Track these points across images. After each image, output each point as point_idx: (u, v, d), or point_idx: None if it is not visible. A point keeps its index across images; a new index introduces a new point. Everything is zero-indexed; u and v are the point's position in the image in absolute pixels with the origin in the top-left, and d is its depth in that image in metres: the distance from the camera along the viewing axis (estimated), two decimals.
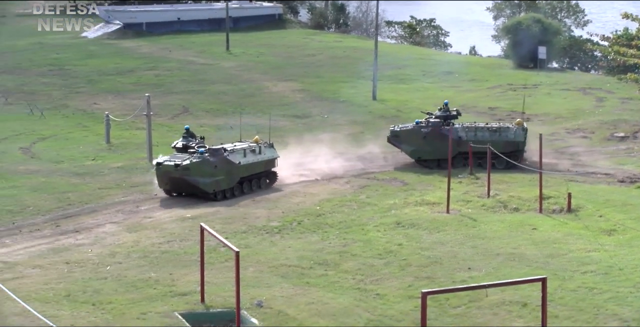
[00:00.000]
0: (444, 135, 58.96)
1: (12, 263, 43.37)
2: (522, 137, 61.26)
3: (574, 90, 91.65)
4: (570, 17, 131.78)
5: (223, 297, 37.77)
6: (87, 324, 35.78)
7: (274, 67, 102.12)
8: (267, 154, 55.81)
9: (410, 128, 60.83)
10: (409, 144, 60.57)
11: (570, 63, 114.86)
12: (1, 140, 68.50)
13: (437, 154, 59.78)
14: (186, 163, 51.73)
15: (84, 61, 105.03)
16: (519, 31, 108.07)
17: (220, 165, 52.59)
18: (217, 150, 53.15)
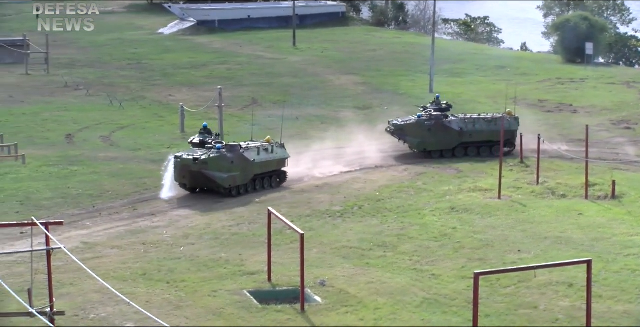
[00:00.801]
0: (447, 127, 59.53)
1: (92, 244, 43.65)
2: (515, 126, 61.32)
3: (618, 84, 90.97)
4: (616, 15, 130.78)
5: (288, 277, 37.82)
6: (161, 301, 35.95)
7: (337, 61, 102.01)
8: (279, 154, 53.99)
9: (414, 122, 60.16)
10: (415, 137, 59.90)
11: (615, 58, 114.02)
12: (83, 129, 68.89)
13: (441, 145, 60.10)
14: (204, 157, 50.36)
15: (160, 56, 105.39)
16: (567, 28, 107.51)
17: (236, 161, 51.13)
18: (233, 147, 51.78)
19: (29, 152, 60.21)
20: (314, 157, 59.21)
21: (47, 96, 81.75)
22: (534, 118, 73.62)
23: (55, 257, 34.96)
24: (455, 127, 59.54)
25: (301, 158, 58.29)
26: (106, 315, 34.61)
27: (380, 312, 34.97)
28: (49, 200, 50.89)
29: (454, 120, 60.21)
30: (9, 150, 60.92)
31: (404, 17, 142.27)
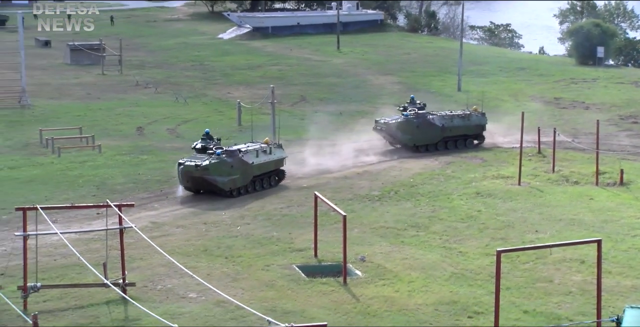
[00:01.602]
0: (432, 123, 58.68)
1: (160, 223, 43.85)
2: (484, 120, 61.06)
3: (627, 84, 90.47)
4: (626, 22, 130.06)
5: (332, 253, 37.87)
6: (220, 274, 36.08)
7: (375, 63, 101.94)
8: (276, 154, 51.18)
9: (404, 120, 58.59)
10: (406, 133, 58.45)
11: (624, 60, 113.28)
12: (152, 123, 69.19)
13: (428, 140, 59.11)
14: (205, 163, 47.54)
15: (220, 58, 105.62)
16: (580, 34, 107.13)
17: (236, 165, 48.33)
18: (233, 152, 48.89)
19: (104, 142, 60.57)
20: (355, 147, 59.20)
21: (120, 93, 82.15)
22: (551, 114, 73.39)
23: (127, 235, 35.18)
24: (438, 123, 58.93)
25: (342, 149, 58.35)
26: (171, 286, 34.79)
27: (413, 284, 34.98)
28: (122, 185, 51.17)
29: (436, 117, 59.45)
30: (87, 141, 61.34)
31: (435, 24, 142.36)
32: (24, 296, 33.00)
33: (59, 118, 70.25)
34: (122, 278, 34.17)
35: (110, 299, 33.32)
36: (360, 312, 32.40)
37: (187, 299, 33.63)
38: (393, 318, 31.82)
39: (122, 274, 34.30)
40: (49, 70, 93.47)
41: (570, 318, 31.01)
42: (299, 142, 60.20)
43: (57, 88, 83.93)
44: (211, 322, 31.00)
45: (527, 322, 31.02)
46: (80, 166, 55.55)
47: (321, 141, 60.50)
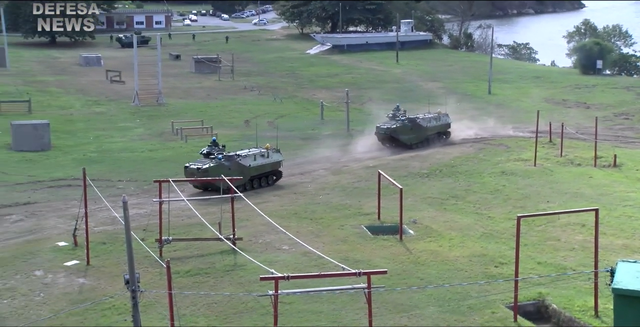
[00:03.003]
0: (420, 125, 56.78)
1: (261, 193, 44.12)
2: (449, 120, 59.42)
3: (620, 88, 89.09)
4: (621, 40, 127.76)
5: (391, 217, 37.81)
6: (306, 231, 36.20)
7: (425, 72, 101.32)
8: (274, 158, 46.72)
9: (401, 125, 55.93)
10: (404, 135, 55.98)
11: (619, 70, 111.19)
12: (256, 117, 69.43)
13: (419, 139, 56.85)
14: (206, 167, 43.93)
15: (307, 68, 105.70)
16: (583, 50, 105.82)
17: (233, 168, 44.07)
18: (231, 157, 44.84)
19: (220, 131, 60.98)
20: None
21: (232, 95, 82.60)
22: (559, 112, 72.40)
23: (236, 201, 35.43)
24: (423, 124, 57.13)
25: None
26: (269, 240, 34.98)
27: (452, 241, 34.84)
28: None
29: (421, 120, 57.29)
30: (207, 130, 61.82)
31: (471, 42, 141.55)
32: (160, 246, 33.46)
33: (186, 113, 70.86)
34: (232, 234, 34.44)
35: (223, 249, 33.61)
36: (412, 261, 32.37)
37: (281, 251, 33.80)
38: (437, 266, 31.75)
39: (232, 231, 34.59)
40: (179, 77, 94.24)
41: (573, 268, 30.71)
42: (368, 132, 60.01)
43: (185, 90, 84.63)
44: (299, 268, 31.14)
45: (540, 271, 30.77)
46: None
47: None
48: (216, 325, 26.41)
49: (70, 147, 56.58)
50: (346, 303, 27.71)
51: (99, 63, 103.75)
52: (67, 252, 33.95)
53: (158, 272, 30.16)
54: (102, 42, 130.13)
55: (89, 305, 27.45)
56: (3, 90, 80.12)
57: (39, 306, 28.23)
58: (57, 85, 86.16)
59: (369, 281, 23.20)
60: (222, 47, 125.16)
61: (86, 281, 30.70)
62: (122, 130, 62.87)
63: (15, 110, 68.83)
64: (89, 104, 75.35)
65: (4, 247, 34.86)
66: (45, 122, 57.90)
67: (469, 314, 26.95)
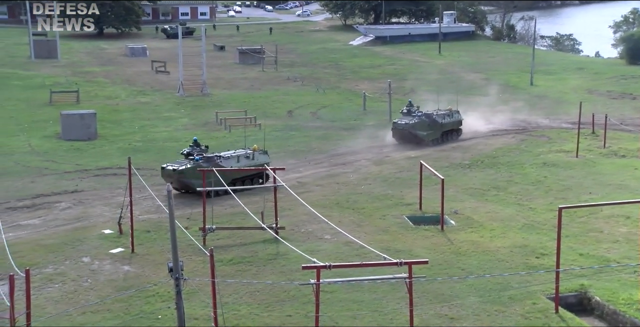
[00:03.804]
0: (436, 121, 54.83)
1: (303, 182, 44.12)
2: (461, 116, 57.10)
3: None
4: None
5: (433, 207, 37.66)
6: (348, 221, 36.17)
7: (468, 64, 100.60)
8: (259, 160, 43.44)
9: (419, 120, 53.97)
10: (422, 131, 53.82)
11: None
12: (298, 107, 69.48)
13: (436, 135, 54.82)
14: (182, 168, 40.92)
15: (350, 59, 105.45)
16: (631, 40, 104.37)
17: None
18: (210, 158, 41.68)
19: (263, 122, 61.07)
20: None
21: (275, 85, 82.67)
22: (603, 103, 71.49)
23: (279, 191, 35.50)
24: (439, 120, 55.19)
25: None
26: (312, 230, 35.01)
27: (494, 232, 34.63)
28: (275, 153, 51.44)
29: (437, 116, 55.41)
30: (250, 120, 61.96)
31: (514, 34, 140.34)
32: (203, 235, 33.62)
33: (230, 103, 71.05)
34: (275, 223, 34.51)
35: (265, 238, 33.70)
36: (453, 252, 32.23)
37: (323, 240, 33.81)
38: (478, 257, 31.57)
39: (275, 220, 34.65)
40: (223, 68, 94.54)
41: (617, 261, 30.34)
42: None
43: (229, 81, 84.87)
44: (340, 257, 31.12)
45: (582, 262, 30.46)
46: (245, 139, 56.15)
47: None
48: (258, 313, 26.48)
49: (116, 137, 57.05)
50: (387, 292, 27.65)
51: (145, 54, 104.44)
52: (112, 240, 34.28)
53: (201, 261, 30.31)
54: (148, 33, 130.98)
55: (134, 292, 27.68)
56: (54, 81, 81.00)
57: (86, 292, 28.57)
58: (104, 75, 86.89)
59: (410, 271, 23.12)
60: (266, 38, 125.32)
61: (131, 268, 30.96)
62: (166, 120, 63.20)
63: (65, 101, 69.57)
64: (134, 94, 75.87)
65: (54, 234, 35.31)
66: (92, 112, 58.45)
67: (510, 305, 26.76)
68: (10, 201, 39.99)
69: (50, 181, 44.86)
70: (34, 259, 31.52)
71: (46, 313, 26.15)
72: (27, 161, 49.60)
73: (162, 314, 26.13)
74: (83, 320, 26.12)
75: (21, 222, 37.17)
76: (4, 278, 23.76)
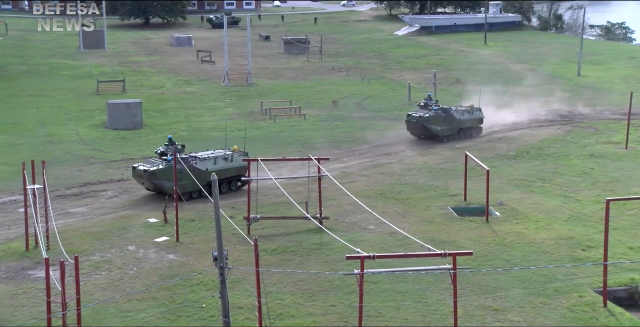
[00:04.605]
0: (453, 117, 52.71)
1: (348, 172, 44.12)
2: (482, 114, 54.37)
3: None
4: None
5: (477, 198, 37.50)
6: (392, 212, 36.13)
7: (513, 54, 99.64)
8: (239, 162, 40.18)
9: (434, 114, 51.69)
10: (437, 125, 51.56)
11: None
12: (343, 98, 69.36)
13: (451, 131, 52.70)
14: (153, 169, 38.72)
15: (395, 49, 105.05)
16: None
17: (185, 171, 37.34)
18: (184, 159, 38.73)
19: (307, 112, 61.18)
20: (495, 118, 58.00)
21: (320, 75, 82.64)
22: None
23: (323, 181, 35.54)
24: (457, 116, 53.14)
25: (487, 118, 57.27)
26: (356, 220, 35.02)
27: (539, 223, 34.39)
28: (320, 143, 51.61)
29: (454, 111, 53.35)
30: (295, 110, 62.04)
31: (561, 24, 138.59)
32: (248, 224, 33.81)
33: (275, 93, 71.18)
34: (319, 213, 34.58)
35: (309, 228, 33.79)
36: (497, 243, 32.07)
37: (367, 230, 33.81)
38: (522, 248, 31.39)
39: (319, 210, 34.71)
40: (268, 58, 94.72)
41: None
42: None
43: (274, 71, 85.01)
44: (384, 247, 31.12)
45: (632, 256, 30.12)
46: (290, 129, 56.27)
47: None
48: (302, 302, 26.58)
49: (161, 126, 57.46)
50: (431, 283, 27.60)
51: (190, 43, 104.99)
52: (157, 229, 34.60)
53: (246, 250, 30.47)
54: (193, 23, 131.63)
55: (178, 281, 27.94)
56: (101, 70, 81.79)
57: (132, 279, 28.89)
58: (150, 65, 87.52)
59: (454, 262, 23.06)
60: (311, 28, 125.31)
61: (175, 257, 31.22)
62: (211, 110, 63.51)
63: (111, 90, 70.23)
64: (179, 83, 76.32)
65: (101, 222, 35.74)
66: (138, 101, 58.91)
67: (555, 297, 26.57)
68: (60, 188, 40.52)
69: (97, 169, 45.38)
70: (82, 247, 31.95)
71: (94, 299, 26.53)
72: (75, 150, 50.21)
73: (207, 303, 26.34)
74: (129, 307, 26.45)
75: (70, 210, 37.70)
76: (55, 264, 24.15)
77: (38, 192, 31.49)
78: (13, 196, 39.43)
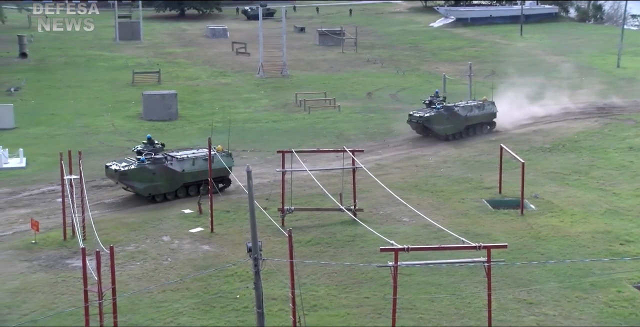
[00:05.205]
0: (458, 114, 50.84)
1: (382, 165, 44.04)
2: (495, 109, 52.79)
3: None
4: None
5: (512, 191, 37.30)
6: (427, 204, 36.02)
7: (550, 46, 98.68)
8: (221, 163, 37.48)
9: (436, 113, 49.77)
10: (439, 125, 49.69)
11: None
12: (378, 90, 69.08)
13: (456, 129, 50.75)
14: (124, 169, 37.18)
15: (430, 41, 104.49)
16: None
17: (159, 172, 37.26)
18: (158, 159, 37.63)
19: (342, 103, 61.10)
20: (530, 110, 57.48)
21: (354, 67, 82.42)
22: None
23: (358, 173, 35.49)
24: (462, 114, 51.22)
25: (520, 111, 56.68)
26: (390, 212, 34.97)
27: (575, 217, 34.14)
28: (354, 135, 51.55)
29: (459, 108, 51.44)
30: (330, 102, 61.97)
31: (601, 14, 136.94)
32: (282, 215, 33.89)
33: (309, 85, 71.14)
34: (353, 205, 34.56)
35: (343, 220, 33.78)
36: (532, 236, 31.89)
37: (401, 222, 33.76)
38: (558, 242, 31.19)
39: (353, 202, 34.69)
40: (303, 50, 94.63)
41: None
42: None
43: (309, 63, 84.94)
44: (419, 240, 31.04)
45: None
46: (324, 121, 56.21)
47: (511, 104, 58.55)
48: (336, 294, 26.59)
49: (196, 117, 57.67)
50: (465, 276, 27.50)
51: (225, 35, 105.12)
52: (192, 220, 34.77)
53: (280, 241, 30.53)
54: (229, 15, 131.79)
55: (213, 271, 28.07)
56: (136, 61, 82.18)
57: (167, 270, 29.08)
58: (185, 56, 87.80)
59: (488, 255, 22.95)
60: (346, 20, 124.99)
61: (210, 248, 31.37)
62: (246, 101, 63.62)
63: (147, 81, 70.57)
64: (214, 75, 76.50)
65: (135, 213, 36.01)
66: (173, 93, 59.16)
67: (592, 292, 26.36)
68: (96, 179, 40.81)
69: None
70: (117, 237, 32.20)
71: (129, 289, 26.74)
72: (111, 141, 50.55)
73: (241, 294, 26.45)
74: (163, 297, 26.62)
75: (105, 201, 38.01)
76: (91, 254, 24.35)
77: (75, 183, 31.80)
78: (52, 186, 39.88)
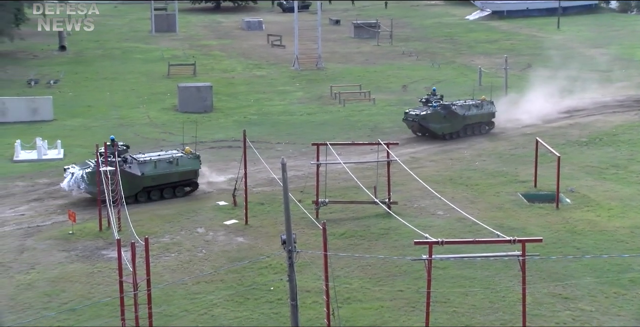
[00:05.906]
0: (455, 113, 49.62)
1: (417, 158, 43.95)
2: (494, 108, 51.19)
3: None
4: None
5: (548, 185, 37.04)
6: (461, 197, 35.92)
7: (588, 39, 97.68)
8: (187, 166, 37.38)
9: (433, 111, 48.57)
10: (436, 123, 48.36)
11: None
12: (413, 82, 68.83)
13: (453, 128, 49.35)
14: (80, 173, 35.71)
15: (466, 34, 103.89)
16: None
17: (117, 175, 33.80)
18: (113, 163, 34.25)
19: (377, 96, 60.97)
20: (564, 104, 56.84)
21: (390, 60, 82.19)
22: None
23: (392, 166, 35.44)
24: (460, 112, 50.01)
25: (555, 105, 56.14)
26: (424, 205, 34.90)
27: (612, 211, 33.86)
28: (389, 128, 51.42)
29: (457, 107, 50.33)
30: (365, 95, 61.88)
31: None
32: (316, 208, 33.94)
33: (344, 77, 71.06)
34: (387, 198, 34.51)
35: (378, 213, 33.75)
36: (568, 231, 31.66)
37: (436, 216, 33.67)
38: (594, 236, 30.93)
39: (387, 195, 34.64)
40: (338, 42, 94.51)
41: None
42: (525, 99, 58.31)
43: (344, 55, 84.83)
44: (453, 233, 30.94)
45: None
46: (359, 113, 56.13)
47: (544, 97, 58.08)
48: (369, 287, 26.59)
49: (231, 110, 57.84)
50: (500, 270, 27.38)
51: (261, 27, 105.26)
52: (226, 212, 34.91)
53: (314, 234, 30.57)
54: (264, 7, 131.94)
55: (247, 263, 28.18)
56: (172, 54, 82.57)
57: (201, 262, 29.24)
58: (220, 49, 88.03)
59: (523, 249, 22.81)
60: (381, 12, 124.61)
61: (244, 240, 31.48)
62: (281, 94, 63.70)
63: (182, 73, 70.87)
64: (250, 67, 76.66)
65: (171, 204, 36.22)
66: (209, 85, 59.38)
67: (631, 288, 26.10)
68: None
69: None
70: (152, 229, 32.42)
71: (164, 281, 26.93)
72: (146, 133, 50.86)
73: (275, 286, 26.53)
74: (197, 289, 26.77)
75: None
76: (126, 245, 24.59)
77: (110, 174, 32.03)
78: None
